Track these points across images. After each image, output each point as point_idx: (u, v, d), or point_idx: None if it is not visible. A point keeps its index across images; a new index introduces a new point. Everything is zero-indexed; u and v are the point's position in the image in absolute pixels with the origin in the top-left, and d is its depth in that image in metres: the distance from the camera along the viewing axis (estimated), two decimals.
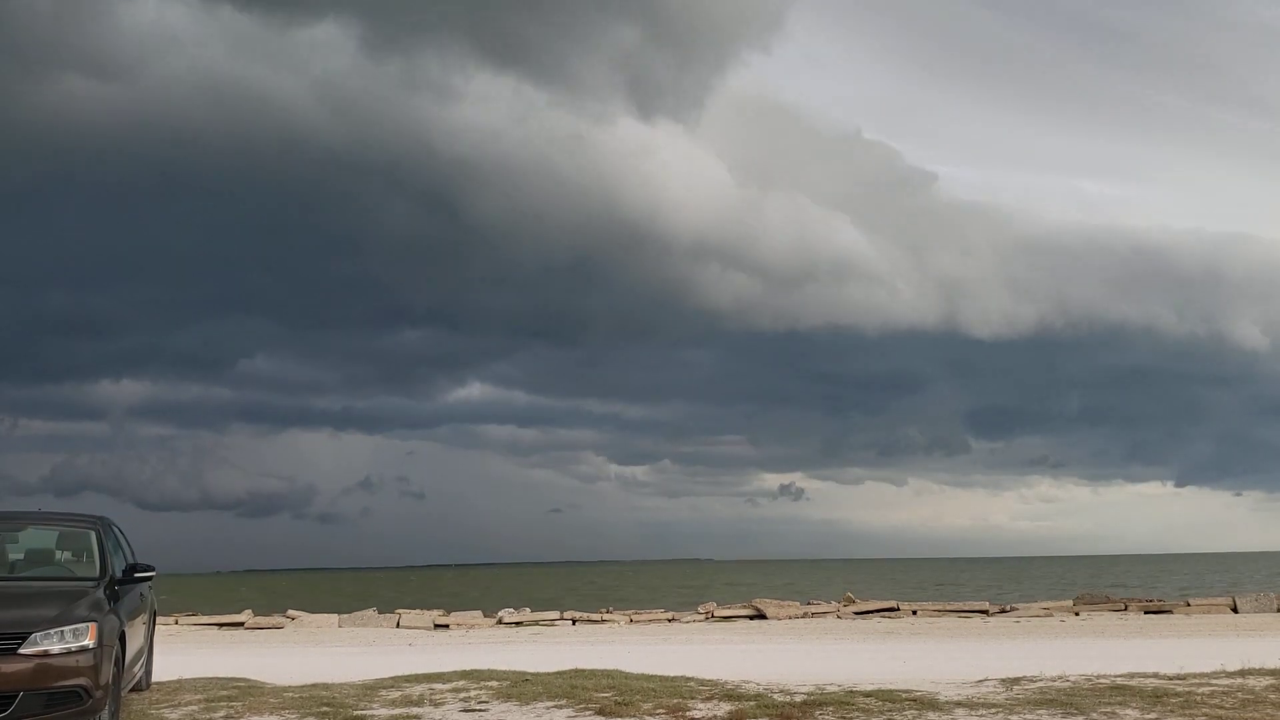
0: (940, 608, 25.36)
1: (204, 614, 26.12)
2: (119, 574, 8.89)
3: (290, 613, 25.64)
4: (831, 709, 8.85)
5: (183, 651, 15.44)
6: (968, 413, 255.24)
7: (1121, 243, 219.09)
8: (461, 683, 10.47)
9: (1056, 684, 10.13)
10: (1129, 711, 8.67)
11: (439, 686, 10.28)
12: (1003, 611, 24.89)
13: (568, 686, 10.05)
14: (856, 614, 24.50)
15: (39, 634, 7.30)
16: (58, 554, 9.42)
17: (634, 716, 8.72)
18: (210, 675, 11.48)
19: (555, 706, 9.16)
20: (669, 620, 24.26)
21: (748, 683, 10.44)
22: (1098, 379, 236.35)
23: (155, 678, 10.69)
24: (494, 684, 10.33)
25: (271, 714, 8.97)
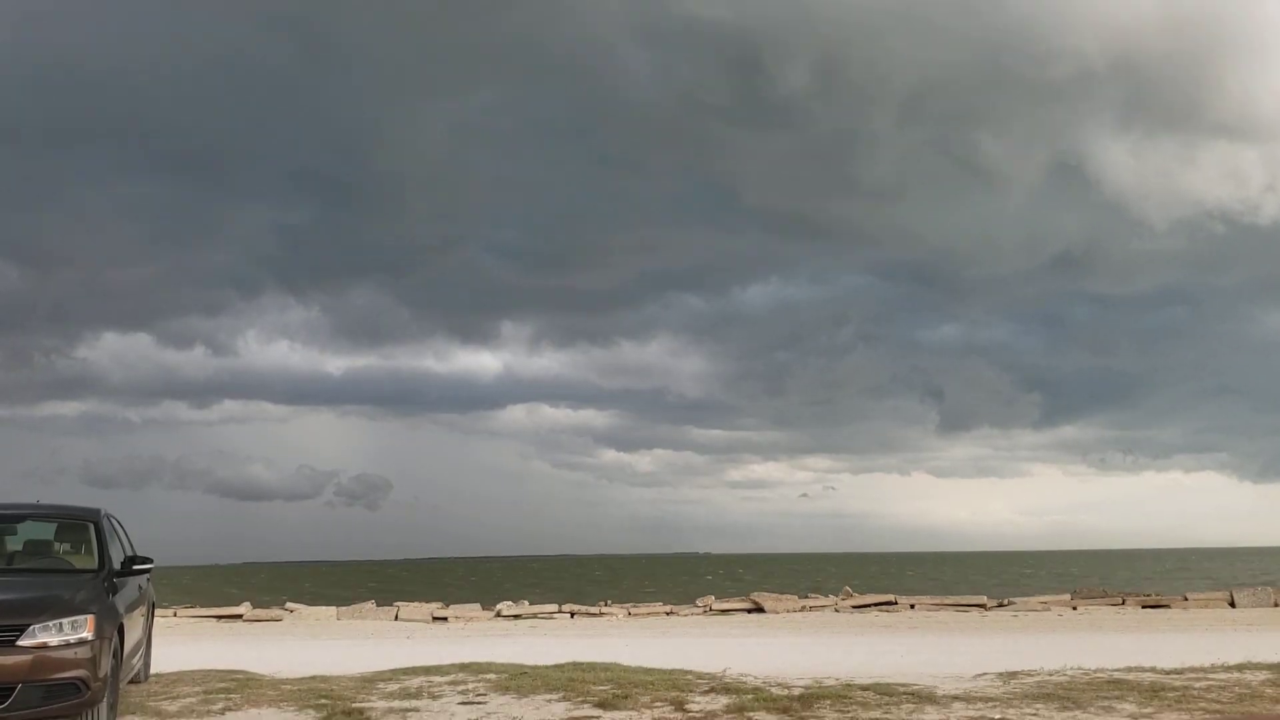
0: (938, 602, 25.38)
1: (202, 606, 26.15)
2: (117, 566, 8.89)
3: (289, 605, 25.65)
4: (829, 702, 8.87)
5: (181, 643, 15.44)
6: None
7: None
8: (460, 675, 10.48)
9: (1054, 678, 10.15)
10: (1126, 705, 8.69)
11: (437, 679, 10.29)
12: (1000, 606, 24.90)
13: (566, 679, 10.06)
14: (854, 608, 24.53)
15: (37, 626, 7.30)
16: (56, 546, 9.43)
17: (632, 709, 8.72)
18: (208, 667, 11.48)
19: (553, 699, 9.17)
20: (667, 614, 24.28)
21: (746, 676, 10.45)
22: None
23: (154, 669, 10.70)
24: (492, 676, 10.34)
25: (270, 706, 8.98)
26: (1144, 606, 24.27)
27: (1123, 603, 24.75)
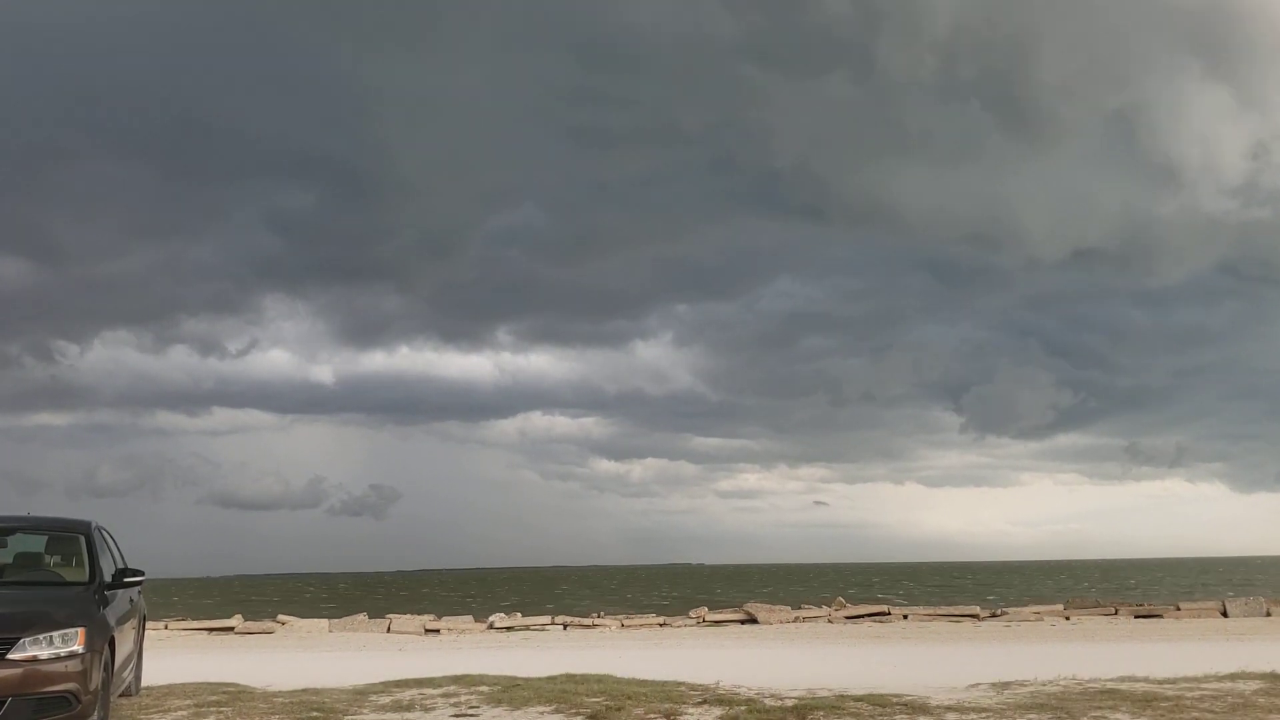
0: (931, 612, 25.38)
1: (194, 619, 26.04)
2: (108, 579, 8.86)
3: (280, 618, 25.56)
4: (822, 713, 8.85)
5: (172, 656, 15.37)
6: None
7: None
8: (452, 687, 10.45)
9: (1047, 688, 10.15)
10: (1119, 715, 8.69)
11: (430, 691, 10.26)
12: (993, 616, 24.92)
13: (559, 691, 10.04)
14: (847, 619, 24.51)
15: (28, 639, 7.27)
16: (47, 559, 9.39)
17: None
18: (200, 680, 11.44)
19: (547, 711, 9.14)
20: (660, 625, 24.23)
21: (739, 687, 10.43)
22: None
23: (145, 683, 10.65)
24: (485, 689, 10.31)
25: (261, 719, 8.95)
26: (1137, 616, 24.30)
27: (1115, 612, 24.78)
